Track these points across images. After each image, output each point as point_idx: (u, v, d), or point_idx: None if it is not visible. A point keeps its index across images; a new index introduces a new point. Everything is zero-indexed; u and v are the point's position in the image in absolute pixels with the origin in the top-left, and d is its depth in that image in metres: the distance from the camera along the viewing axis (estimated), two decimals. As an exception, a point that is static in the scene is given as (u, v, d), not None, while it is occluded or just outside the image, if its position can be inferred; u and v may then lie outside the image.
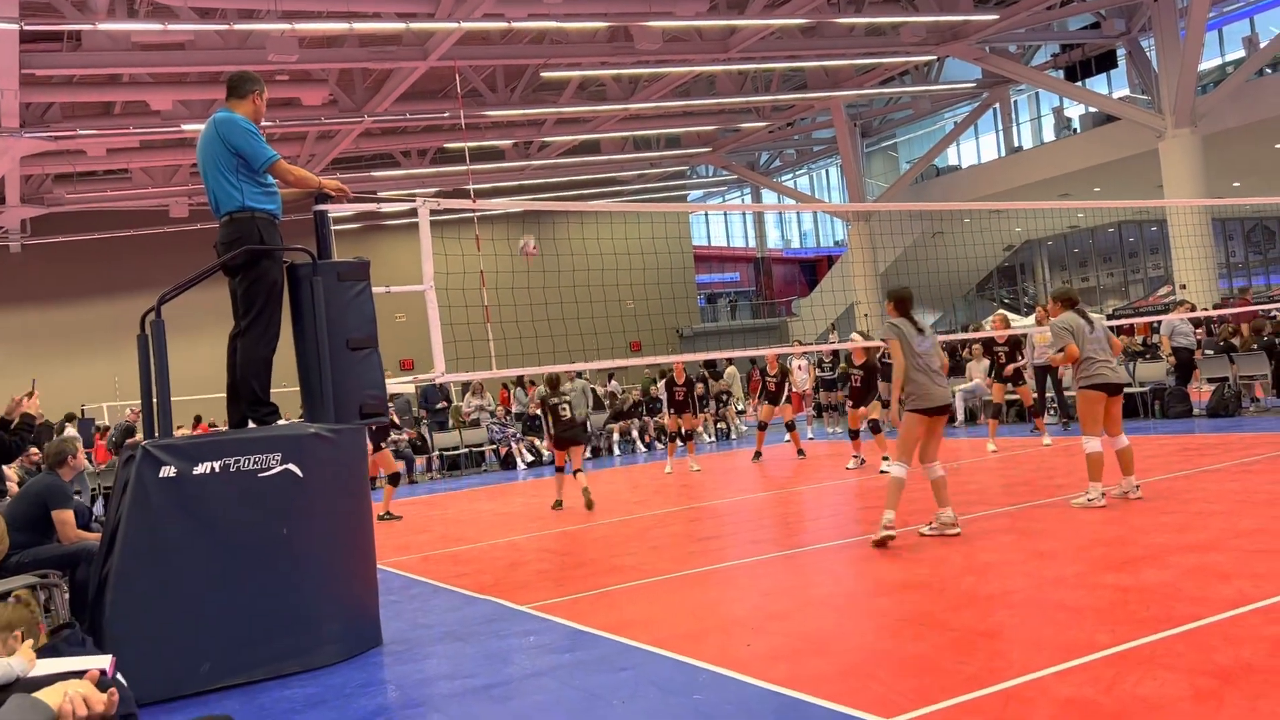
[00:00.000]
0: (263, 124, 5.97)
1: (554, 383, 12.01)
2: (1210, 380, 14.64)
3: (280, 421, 5.92)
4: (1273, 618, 4.38)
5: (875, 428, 12.28)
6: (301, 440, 5.49)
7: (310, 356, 5.79)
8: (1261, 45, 23.83)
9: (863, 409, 12.45)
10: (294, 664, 5.29)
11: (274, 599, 5.29)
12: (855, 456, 12.45)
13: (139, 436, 14.53)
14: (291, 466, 5.38)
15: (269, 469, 5.34)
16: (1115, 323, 21.96)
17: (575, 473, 11.48)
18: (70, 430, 19.13)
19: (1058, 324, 8.03)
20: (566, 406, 11.69)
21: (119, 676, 3.30)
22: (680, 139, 31.65)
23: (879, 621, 5.12)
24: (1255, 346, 14.25)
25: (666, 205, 29.46)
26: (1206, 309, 19.04)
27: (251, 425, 5.83)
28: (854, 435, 12.68)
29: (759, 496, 10.87)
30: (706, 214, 44.36)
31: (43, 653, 3.21)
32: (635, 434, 20.07)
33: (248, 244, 5.66)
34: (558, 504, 11.55)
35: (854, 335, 12.52)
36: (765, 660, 4.59)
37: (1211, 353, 15.14)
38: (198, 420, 20.05)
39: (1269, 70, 24.29)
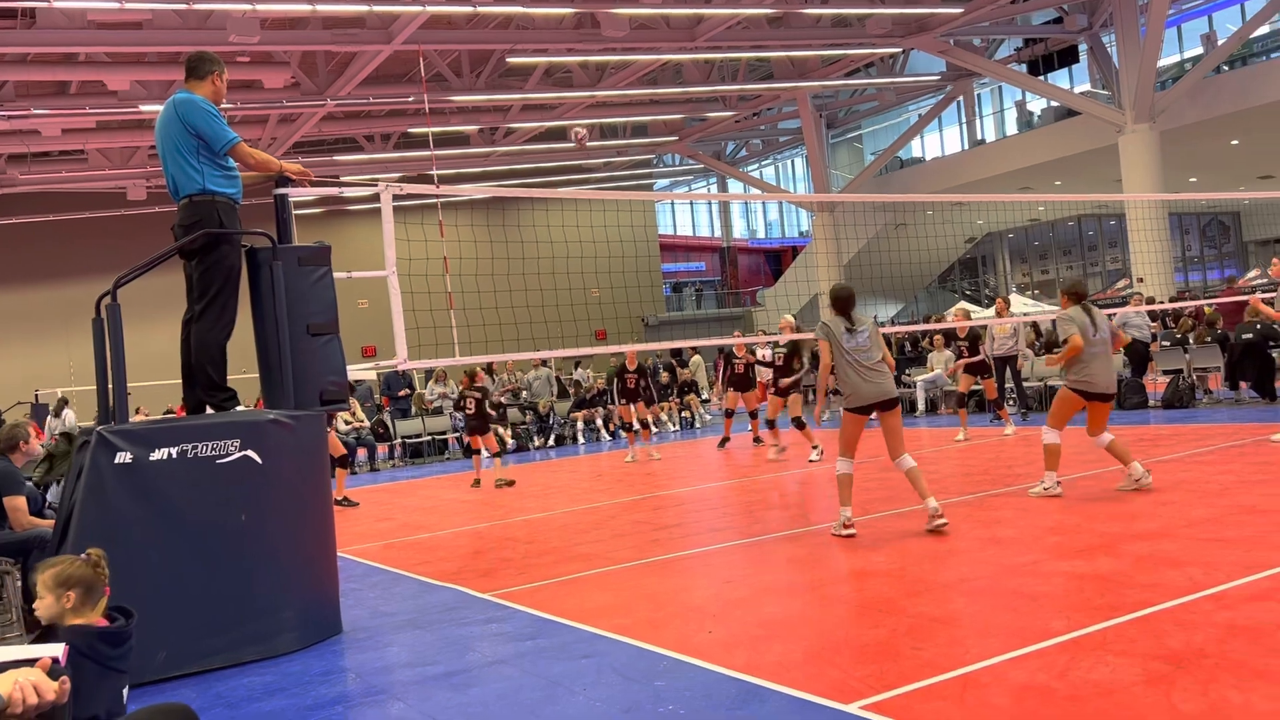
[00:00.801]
0: (223, 106, 5.88)
1: (470, 376, 13.34)
2: (1165, 372, 14.89)
3: (239, 408, 5.85)
4: (1223, 604, 4.47)
5: (799, 424, 12.60)
6: (260, 426, 5.43)
7: (270, 342, 5.72)
8: (1219, 42, 24.21)
9: (781, 399, 12.92)
10: (252, 652, 5.24)
11: (232, 586, 5.23)
12: (769, 442, 12.62)
13: (142, 416, 14.35)
14: (250, 453, 5.32)
15: (227, 455, 5.28)
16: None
17: (494, 456, 13.15)
18: (69, 414, 18.82)
19: (1065, 317, 7.79)
20: (473, 401, 13.17)
21: (125, 695, 3.24)
22: (647, 127, 31.60)
23: (838, 608, 5.17)
24: (1209, 339, 14.50)
25: (632, 193, 29.42)
26: (1163, 302, 19.34)
27: (210, 411, 5.76)
28: (770, 424, 13.00)
29: (722, 485, 10.92)
30: (673, 203, 44.37)
31: (62, 636, 3.11)
32: (599, 422, 20.07)
33: (206, 227, 5.58)
34: (476, 482, 13.07)
35: (786, 317, 12.81)
36: (726, 647, 4.62)
37: (1167, 344, 15.40)
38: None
39: (1226, 67, 24.67)
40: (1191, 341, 14.88)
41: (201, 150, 5.60)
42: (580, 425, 20.06)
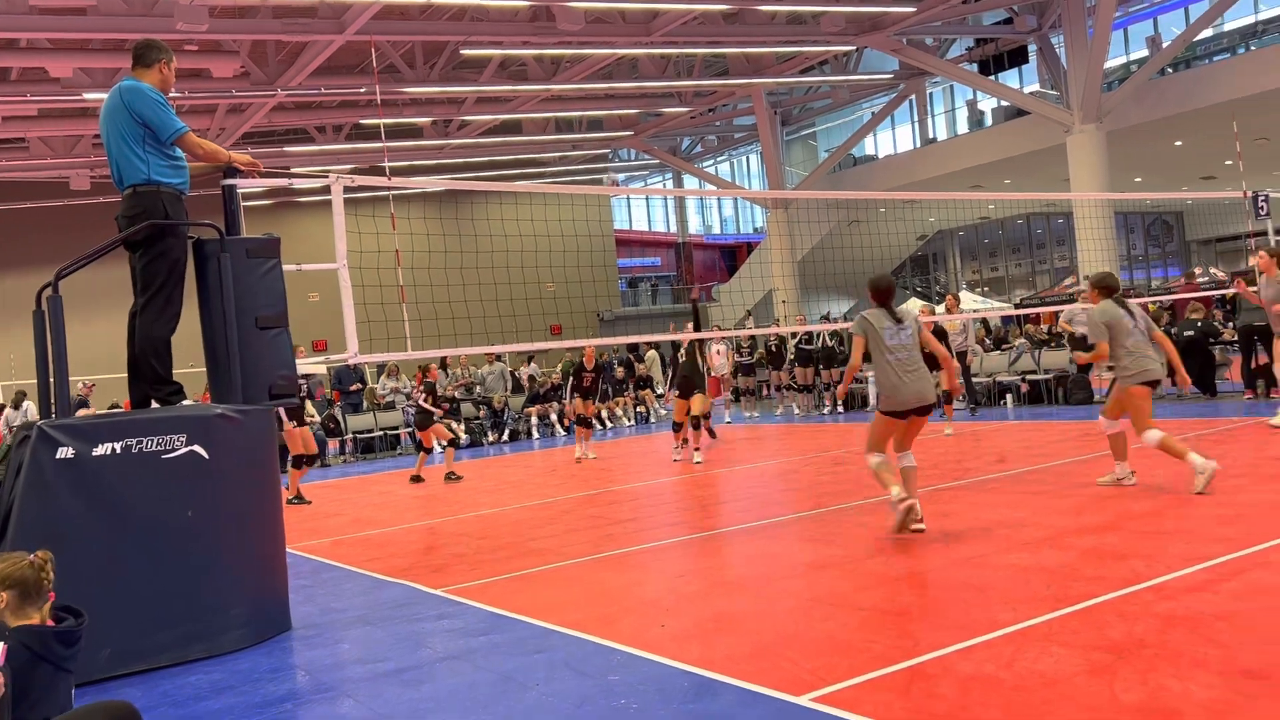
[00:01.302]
0: (170, 95, 5.77)
1: (424, 370, 13.64)
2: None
3: (185, 402, 5.76)
4: (1164, 595, 4.57)
5: (696, 424, 12.45)
6: (207, 421, 5.35)
7: (218, 335, 5.64)
8: (1164, 45, 24.70)
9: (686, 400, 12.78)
10: (200, 650, 5.16)
11: (178, 583, 5.15)
12: (692, 446, 12.33)
13: (91, 410, 14.06)
14: (197, 448, 5.24)
15: (173, 450, 5.19)
16: (1022, 311, 22.64)
17: (446, 448, 13.41)
18: (29, 406, 18.38)
19: (1096, 315, 7.34)
20: (418, 395, 13.52)
21: (72, 695, 3.18)
22: (602, 122, 31.53)
23: (791, 602, 5.21)
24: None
25: (587, 187, 29.31)
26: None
27: (155, 405, 5.67)
28: (676, 428, 12.89)
29: (676, 480, 10.95)
30: (628, 198, 44.35)
31: (15, 637, 3.03)
32: (554, 417, 20.02)
33: (151, 218, 5.48)
34: (417, 478, 13.14)
35: (688, 325, 12.75)
36: (679, 641, 4.64)
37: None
38: None
39: (1170, 70, 25.18)
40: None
41: (147, 139, 5.50)
42: (534, 420, 20.01)
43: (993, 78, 26.60)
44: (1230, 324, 15.01)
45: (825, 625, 4.67)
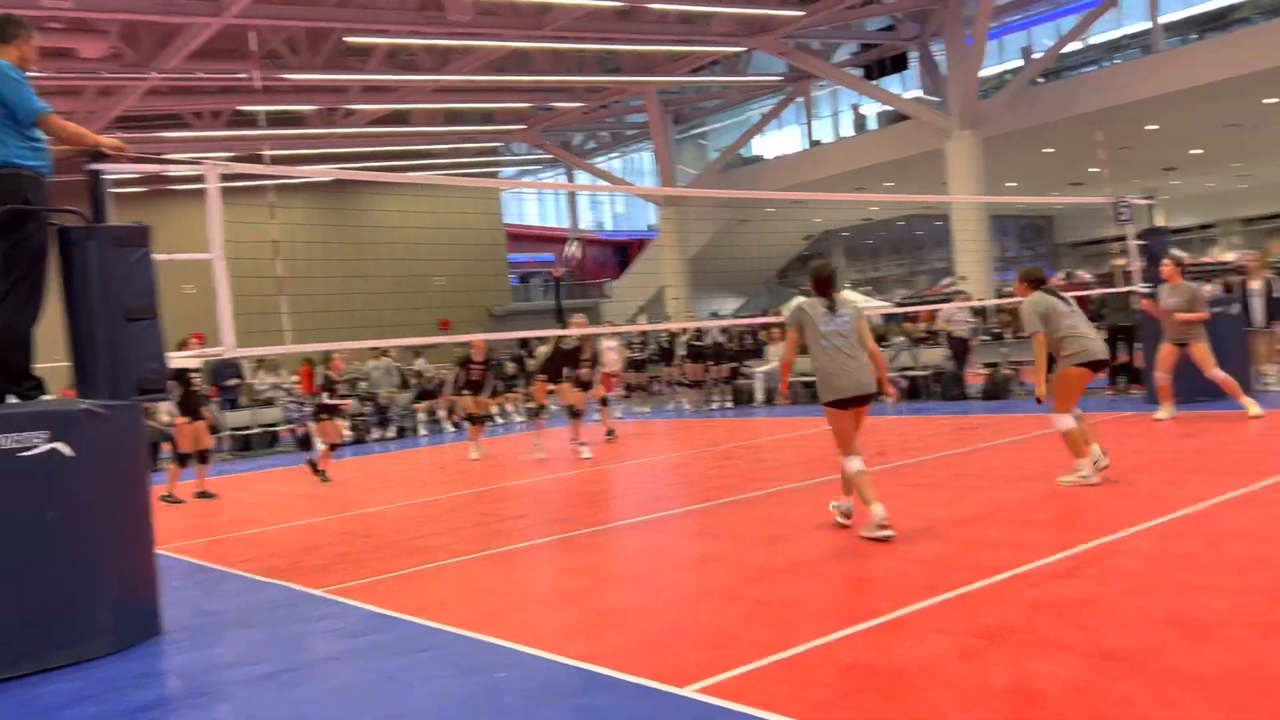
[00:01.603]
0: (32, 74, 5.46)
1: (323, 363, 13.41)
2: (984, 365, 15.78)
3: (45, 397, 5.47)
4: (1031, 582, 4.77)
5: (574, 413, 12.83)
6: (71, 417, 5.08)
7: (83, 327, 5.38)
8: (1035, 56, 25.77)
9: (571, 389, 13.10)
10: (62, 657, 4.91)
11: (37, 588, 4.88)
12: (579, 439, 12.45)
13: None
14: (59, 445, 4.97)
15: (32, 448, 4.92)
16: (902, 309, 23.32)
17: (331, 447, 12.77)
18: None
19: (1028, 307, 7.28)
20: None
21: None
22: (494, 115, 31.21)
23: (677, 595, 5.25)
24: (1025, 334, 15.44)
25: (476, 180, 28.92)
26: (983, 299, 20.47)
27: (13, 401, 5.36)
28: (537, 413, 13.53)
29: (566, 476, 10.92)
30: (521, 192, 44.02)
31: None
32: (442, 414, 19.74)
33: (10, 203, 5.18)
34: (321, 473, 12.50)
35: (578, 316, 13.02)
36: (565, 636, 4.63)
37: (986, 339, 16.32)
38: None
39: (1042, 80, 26.28)
40: (1008, 336, 15.83)
41: (5, 119, 5.20)
42: (422, 417, 19.69)
43: (876, 83, 27.31)
44: (1095, 323, 15.75)
45: (711, 617, 4.72)
